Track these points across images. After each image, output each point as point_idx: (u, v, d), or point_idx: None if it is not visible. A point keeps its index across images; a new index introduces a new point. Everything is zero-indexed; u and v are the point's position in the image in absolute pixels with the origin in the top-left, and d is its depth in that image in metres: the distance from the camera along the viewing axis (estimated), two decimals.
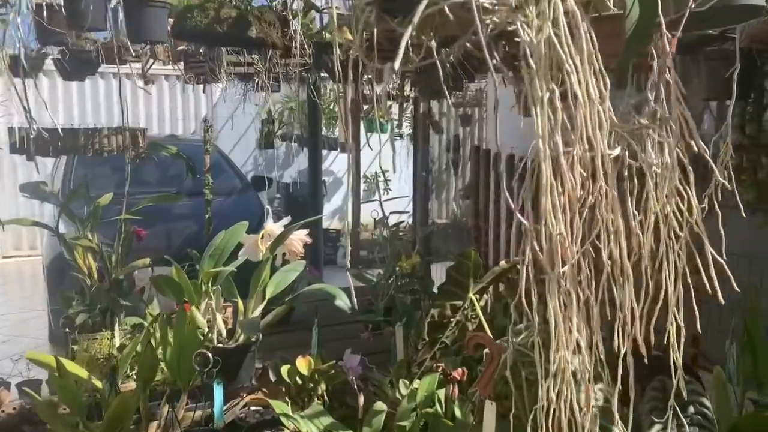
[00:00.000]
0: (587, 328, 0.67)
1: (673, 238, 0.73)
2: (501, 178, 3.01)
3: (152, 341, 1.88)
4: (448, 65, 3.18)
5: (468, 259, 1.61)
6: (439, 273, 3.98)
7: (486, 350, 1.31)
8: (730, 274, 0.67)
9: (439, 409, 1.69)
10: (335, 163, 7.15)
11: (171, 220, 4.08)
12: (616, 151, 0.68)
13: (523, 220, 0.64)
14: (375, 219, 5.62)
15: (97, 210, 2.76)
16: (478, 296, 1.60)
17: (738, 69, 1.01)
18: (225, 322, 2.63)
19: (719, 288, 0.73)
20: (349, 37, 0.99)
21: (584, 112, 0.61)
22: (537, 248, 0.65)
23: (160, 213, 4.03)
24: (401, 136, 6.83)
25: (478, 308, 1.58)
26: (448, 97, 3.86)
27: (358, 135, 5.34)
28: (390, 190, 6.74)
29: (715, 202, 0.75)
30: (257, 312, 2.48)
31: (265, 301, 2.50)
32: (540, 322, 0.68)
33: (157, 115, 6.95)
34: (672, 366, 0.77)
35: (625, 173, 0.70)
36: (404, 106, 5.91)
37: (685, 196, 0.70)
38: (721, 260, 0.68)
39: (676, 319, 0.73)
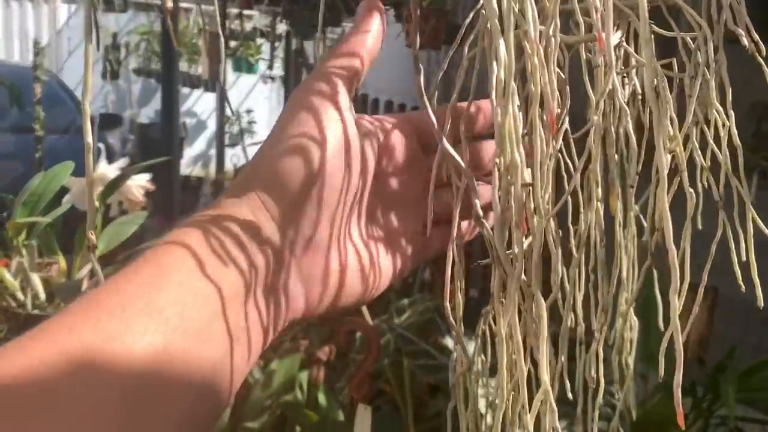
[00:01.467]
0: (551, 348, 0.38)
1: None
2: None
3: None
4: None
5: None
6: None
7: (358, 333, 1.03)
8: None
9: (300, 397, 1.39)
10: (198, 103, 6.55)
11: None
12: (617, 37, 0.37)
13: (459, 160, 0.30)
14: (236, 166, 5.18)
15: None
16: None
17: None
18: (49, 283, 2.18)
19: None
20: None
21: None
22: (479, 212, 0.32)
23: None
24: (272, 78, 6.35)
25: None
26: (324, 33, 3.49)
27: (222, 72, 4.86)
28: (255, 133, 6.27)
29: None
30: (84, 271, 2.06)
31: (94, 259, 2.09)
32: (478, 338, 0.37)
33: None
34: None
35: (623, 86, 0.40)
36: (276, 45, 5.44)
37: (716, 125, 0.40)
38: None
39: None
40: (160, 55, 4.71)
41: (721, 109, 0.37)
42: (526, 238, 0.33)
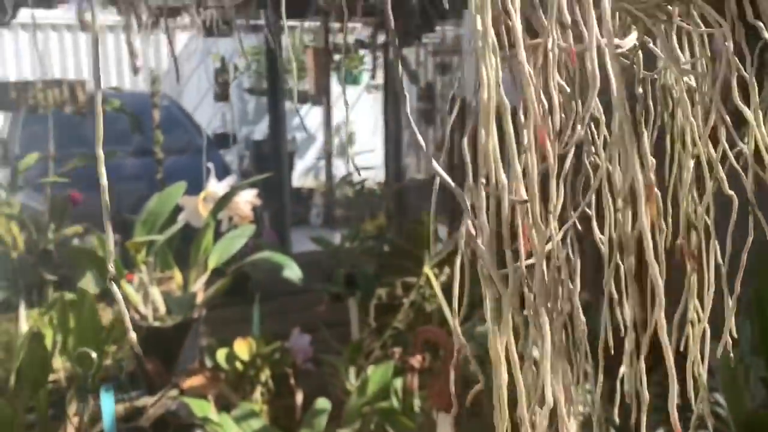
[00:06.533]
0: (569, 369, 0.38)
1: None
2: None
3: (44, 329, 1.58)
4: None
5: (422, 225, 1.31)
6: None
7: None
8: None
9: (395, 404, 1.41)
10: (308, 117, 6.76)
11: (118, 182, 3.73)
12: (630, 40, 0.36)
13: (446, 178, 0.30)
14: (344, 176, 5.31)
15: (16, 173, 2.43)
16: (437, 270, 1.30)
17: None
18: (168, 297, 2.33)
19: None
20: None
21: None
22: (472, 227, 0.33)
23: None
24: (377, 87, 6.44)
25: (436, 285, 1.28)
26: (420, 39, 3.52)
27: (327, 86, 4.99)
28: (354, 143, 6.42)
29: None
30: (199, 284, 2.19)
31: (207, 272, 2.21)
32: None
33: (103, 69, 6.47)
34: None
35: (638, 91, 0.38)
36: (378, 55, 5.52)
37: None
38: None
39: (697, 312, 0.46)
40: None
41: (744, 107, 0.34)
42: (528, 258, 0.33)
